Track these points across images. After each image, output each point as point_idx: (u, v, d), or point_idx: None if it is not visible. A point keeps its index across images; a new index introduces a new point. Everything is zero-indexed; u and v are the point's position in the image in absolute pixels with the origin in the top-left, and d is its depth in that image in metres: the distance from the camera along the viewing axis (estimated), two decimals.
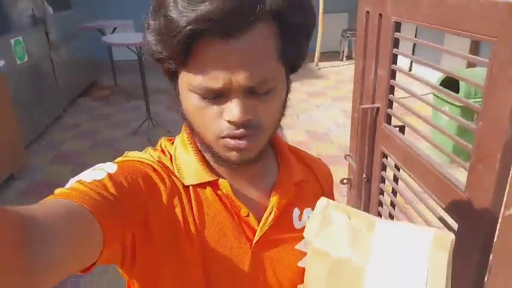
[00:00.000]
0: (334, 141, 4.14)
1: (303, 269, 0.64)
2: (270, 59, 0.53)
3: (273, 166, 0.71)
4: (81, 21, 5.74)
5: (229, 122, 0.55)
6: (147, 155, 0.65)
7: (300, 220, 0.68)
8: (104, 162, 0.60)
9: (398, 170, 1.33)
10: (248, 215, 0.64)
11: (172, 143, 0.68)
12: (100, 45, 4.62)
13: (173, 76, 0.59)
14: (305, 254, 0.64)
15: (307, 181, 0.74)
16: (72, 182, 0.53)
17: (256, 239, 0.64)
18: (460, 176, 1.00)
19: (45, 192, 0.49)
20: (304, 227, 0.65)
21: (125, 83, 6.28)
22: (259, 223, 0.64)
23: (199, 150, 0.65)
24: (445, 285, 0.51)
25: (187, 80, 0.54)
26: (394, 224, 0.57)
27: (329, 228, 0.59)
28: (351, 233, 0.57)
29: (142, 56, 4.12)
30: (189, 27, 0.47)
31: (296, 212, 0.69)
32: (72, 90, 5.46)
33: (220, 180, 0.63)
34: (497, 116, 0.81)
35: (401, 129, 1.35)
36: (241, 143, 0.56)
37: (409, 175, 1.20)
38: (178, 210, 0.60)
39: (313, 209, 0.67)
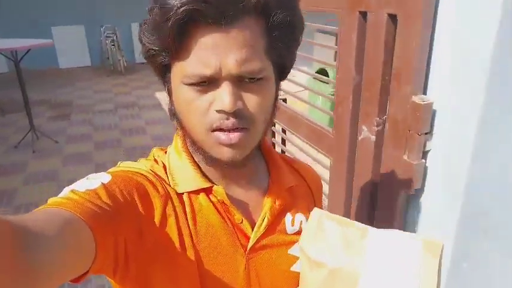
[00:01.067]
0: None
1: (297, 273, 0.67)
2: (258, 51, 0.55)
3: (263, 171, 0.72)
4: None
5: (219, 111, 0.54)
6: (140, 165, 0.64)
7: (292, 225, 0.69)
8: None
9: (285, 133, 1.59)
10: (242, 222, 0.64)
11: (165, 152, 0.68)
12: None
13: (166, 72, 0.59)
14: (298, 258, 0.67)
15: (298, 186, 0.74)
16: (65, 192, 0.53)
17: (250, 245, 0.64)
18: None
19: None
20: (297, 231, 0.68)
21: None
22: (252, 229, 0.65)
23: (193, 157, 0.65)
24: None
25: (180, 69, 0.55)
26: (385, 232, 0.58)
27: (323, 237, 0.60)
28: (345, 242, 0.58)
29: (19, 62, 3.83)
30: (183, 8, 0.49)
31: (288, 217, 0.69)
32: None
33: (215, 187, 0.63)
34: (347, 68, 1.09)
35: (284, 100, 1.62)
36: (233, 137, 0.56)
37: (293, 133, 1.45)
38: (172, 220, 0.60)
39: (304, 214, 0.70)
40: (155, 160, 0.67)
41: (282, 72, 0.63)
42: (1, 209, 3.06)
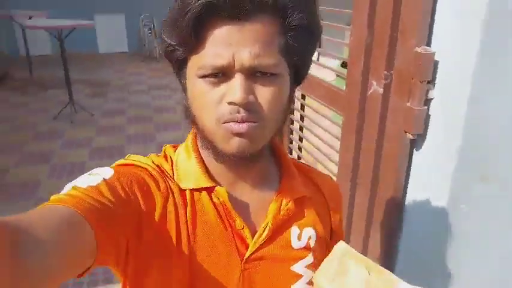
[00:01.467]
0: None
1: None
2: (272, 48, 0.55)
3: (274, 177, 0.69)
4: None
5: (231, 103, 0.54)
6: (148, 160, 0.64)
7: (299, 240, 0.65)
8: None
9: (304, 98, 1.70)
10: (243, 228, 0.62)
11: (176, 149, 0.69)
12: (12, 38, 4.43)
13: (182, 67, 0.60)
14: (300, 276, 0.64)
15: (311, 198, 0.70)
16: (67, 188, 0.53)
17: (248, 254, 0.61)
18: None
19: None
20: (303, 247, 0.64)
21: (41, 75, 6.10)
22: (253, 237, 0.62)
23: (201, 158, 0.65)
24: None
25: (195, 63, 0.56)
26: None
27: (345, 279, 0.55)
28: None
29: (64, 40, 4.13)
30: (200, 1, 0.51)
31: (295, 230, 0.66)
32: None
33: (218, 188, 0.62)
34: (360, 31, 1.19)
35: None
36: (243, 126, 0.55)
37: (311, 97, 1.57)
38: (171, 216, 0.59)
39: (315, 228, 0.67)
40: (165, 156, 0.67)
41: (297, 76, 0.63)
42: (40, 165, 3.33)
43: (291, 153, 1.95)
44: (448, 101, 0.97)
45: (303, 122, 1.78)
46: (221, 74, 0.55)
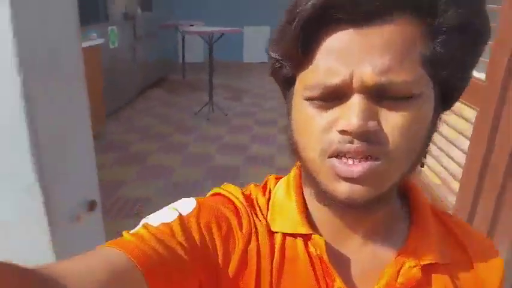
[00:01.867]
0: None
1: None
2: (409, 59, 0.40)
3: (399, 229, 0.53)
4: (160, 21, 6.59)
5: (342, 132, 0.41)
6: (239, 193, 0.55)
7: None
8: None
9: None
10: None
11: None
12: (173, 46, 5.17)
13: (289, 86, 0.49)
14: None
15: (448, 266, 0.52)
16: (140, 224, 0.48)
17: None
18: None
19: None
20: None
21: (191, 79, 7.00)
22: None
23: (303, 197, 0.54)
24: None
25: (302, 81, 0.45)
26: None
27: None
28: None
29: (213, 44, 4.65)
30: (311, 2, 0.39)
31: None
32: (146, 80, 6.13)
33: (315, 236, 0.49)
34: (508, 28, 1.01)
35: None
36: (356, 170, 0.41)
37: None
38: (252, 263, 0.49)
39: None
40: (264, 187, 0.58)
41: (447, 96, 0.46)
42: (176, 154, 3.73)
43: None
44: None
45: None
46: (334, 97, 0.42)
